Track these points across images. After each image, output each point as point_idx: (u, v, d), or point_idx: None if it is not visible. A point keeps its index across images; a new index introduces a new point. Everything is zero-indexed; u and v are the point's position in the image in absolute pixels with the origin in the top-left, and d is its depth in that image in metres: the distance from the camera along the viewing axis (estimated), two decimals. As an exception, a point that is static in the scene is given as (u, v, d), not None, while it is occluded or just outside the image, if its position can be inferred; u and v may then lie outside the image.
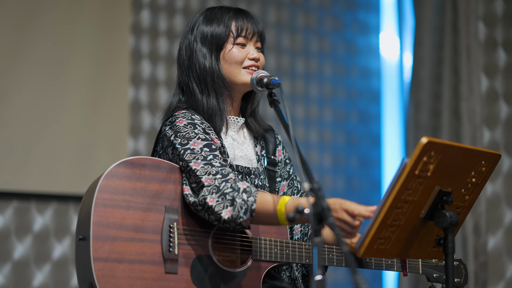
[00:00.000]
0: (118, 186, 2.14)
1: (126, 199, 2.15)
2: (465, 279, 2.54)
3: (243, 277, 2.25)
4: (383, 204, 1.97)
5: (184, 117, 2.33)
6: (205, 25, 2.44)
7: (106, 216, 2.11)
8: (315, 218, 1.86)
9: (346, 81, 5.16)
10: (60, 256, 4.11)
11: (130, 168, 2.18)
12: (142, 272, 2.12)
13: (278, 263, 2.31)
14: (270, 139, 2.58)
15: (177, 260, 2.17)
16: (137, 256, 2.12)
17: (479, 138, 4.33)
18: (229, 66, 2.41)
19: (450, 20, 4.55)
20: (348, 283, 4.82)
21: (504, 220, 4.31)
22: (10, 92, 4.01)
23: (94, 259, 2.07)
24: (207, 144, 2.26)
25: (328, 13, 5.13)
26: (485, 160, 2.14)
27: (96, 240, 2.08)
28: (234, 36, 2.41)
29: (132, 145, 4.37)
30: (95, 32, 4.25)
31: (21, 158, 4.02)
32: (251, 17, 2.45)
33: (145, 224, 2.15)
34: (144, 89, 4.44)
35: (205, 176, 2.18)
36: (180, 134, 2.28)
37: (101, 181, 2.13)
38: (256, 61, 2.43)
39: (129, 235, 2.12)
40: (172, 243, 2.16)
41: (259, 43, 2.46)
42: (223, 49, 2.41)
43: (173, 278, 2.15)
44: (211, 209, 2.16)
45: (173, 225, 2.18)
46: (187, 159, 2.22)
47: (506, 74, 4.42)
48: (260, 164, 2.49)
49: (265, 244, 2.29)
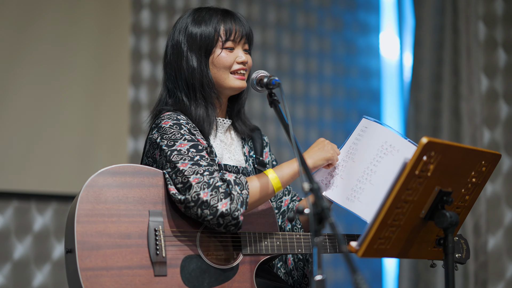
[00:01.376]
0: (99, 196, 2.16)
1: (108, 208, 2.17)
2: (467, 254, 2.54)
3: (235, 272, 2.26)
4: (383, 204, 1.97)
5: (170, 118, 2.34)
6: (194, 27, 2.43)
7: (89, 226, 2.13)
8: (315, 218, 1.86)
9: (346, 81, 5.16)
10: (60, 256, 4.11)
11: (111, 176, 2.20)
12: (131, 277, 2.13)
13: (270, 256, 2.32)
14: (257, 139, 2.61)
15: (166, 262, 2.18)
16: (125, 262, 2.14)
17: (479, 138, 4.33)
18: (217, 71, 2.43)
19: (450, 20, 4.55)
20: (348, 283, 4.81)
21: (504, 220, 4.31)
22: (10, 92, 4.01)
23: (81, 269, 2.09)
24: (194, 145, 2.27)
25: (328, 13, 5.13)
26: (485, 160, 2.14)
27: (81, 250, 2.10)
28: (223, 40, 2.42)
29: (132, 145, 4.37)
30: (95, 32, 4.25)
31: (21, 158, 4.02)
32: (239, 19, 2.46)
33: (130, 230, 2.17)
34: (144, 89, 4.45)
35: (193, 176, 2.19)
36: (166, 136, 2.29)
37: (81, 193, 2.15)
38: (244, 65, 2.45)
39: (115, 242, 2.14)
40: (159, 246, 2.18)
41: (246, 45, 2.48)
42: (212, 54, 2.42)
43: (163, 281, 2.16)
44: (206, 203, 2.16)
45: (158, 228, 2.19)
46: (174, 160, 2.23)
47: (506, 74, 4.42)
48: (248, 164, 2.51)
49: (254, 238, 2.29)
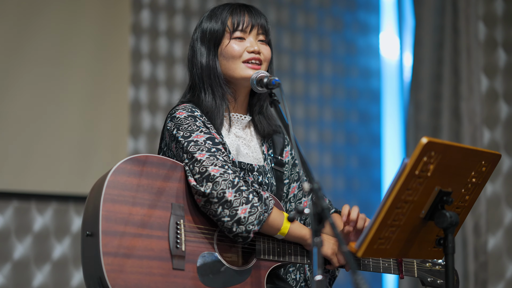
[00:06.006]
0: (125, 182, 2.15)
1: (133, 195, 2.15)
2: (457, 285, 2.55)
3: (247, 275, 2.26)
4: (383, 204, 1.97)
5: (185, 109, 2.32)
6: (205, 23, 2.42)
7: (114, 212, 2.11)
8: (315, 218, 1.86)
9: (346, 81, 5.16)
10: (60, 256, 4.11)
11: (137, 165, 2.18)
12: (150, 267, 2.12)
13: (281, 263, 2.32)
14: (278, 139, 2.55)
15: (184, 256, 2.17)
16: (145, 252, 2.13)
17: (479, 138, 4.33)
18: (227, 61, 2.37)
19: (450, 20, 4.55)
20: (348, 283, 4.82)
21: (504, 220, 4.31)
22: (10, 92, 4.01)
23: (104, 253, 2.07)
24: (210, 138, 2.26)
25: (328, 13, 5.13)
26: (485, 160, 2.14)
27: (105, 235, 2.08)
28: (231, 31, 2.37)
29: (132, 145, 4.37)
30: (95, 32, 4.25)
31: (21, 158, 4.02)
32: (250, 11, 2.40)
33: (152, 220, 2.16)
34: (144, 89, 4.45)
35: (211, 167, 2.18)
36: (182, 127, 2.28)
37: (109, 177, 2.13)
38: (257, 54, 2.37)
39: (137, 231, 2.13)
40: (179, 240, 2.17)
41: (261, 36, 2.40)
42: (221, 44, 2.38)
43: (180, 275, 2.16)
44: (229, 203, 2.16)
45: (179, 222, 2.19)
46: (192, 151, 2.22)
47: (506, 74, 4.42)
48: (266, 163, 2.48)
49: (268, 244, 2.29)
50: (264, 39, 2.40)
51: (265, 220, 2.20)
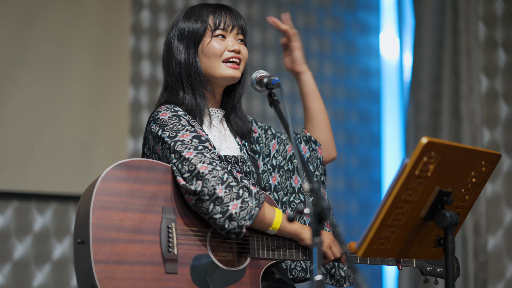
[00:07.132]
0: (115, 189, 2.14)
1: (123, 201, 2.15)
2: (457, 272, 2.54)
3: (242, 275, 2.26)
4: (383, 204, 1.97)
5: (167, 109, 2.32)
6: (183, 22, 2.43)
7: (104, 219, 2.11)
8: (315, 218, 1.86)
9: (346, 81, 5.15)
10: (60, 256, 4.11)
11: (126, 170, 2.18)
12: (142, 273, 2.12)
13: (276, 261, 2.32)
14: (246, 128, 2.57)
15: (177, 260, 2.17)
16: (137, 257, 2.12)
17: (479, 138, 4.33)
18: (208, 59, 2.39)
19: (450, 20, 4.55)
20: (348, 283, 4.81)
21: (504, 220, 4.31)
22: (10, 92, 4.01)
23: (95, 261, 2.07)
24: (196, 136, 2.25)
25: (328, 13, 5.13)
26: (485, 160, 2.14)
27: (96, 242, 2.08)
28: (212, 29, 2.39)
29: (132, 145, 4.37)
30: (95, 32, 4.25)
31: (21, 158, 4.02)
32: (231, 11, 2.43)
33: (143, 225, 2.15)
34: (144, 89, 4.45)
35: (200, 164, 2.18)
36: (167, 127, 2.27)
37: (98, 184, 2.13)
38: (237, 53, 2.40)
39: (128, 236, 2.13)
40: (171, 243, 2.16)
41: (240, 36, 2.44)
42: (201, 42, 2.39)
43: (174, 278, 2.16)
44: (220, 199, 2.15)
45: (171, 226, 2.18)
46: (179, 150, 2.21)
47: (506, 74, 4.42)
48: (243, 153, 2.49)
49: (262, 242, 2.29)
50: (242, 38, 2.45)
51: (256, 215, 2.20)
